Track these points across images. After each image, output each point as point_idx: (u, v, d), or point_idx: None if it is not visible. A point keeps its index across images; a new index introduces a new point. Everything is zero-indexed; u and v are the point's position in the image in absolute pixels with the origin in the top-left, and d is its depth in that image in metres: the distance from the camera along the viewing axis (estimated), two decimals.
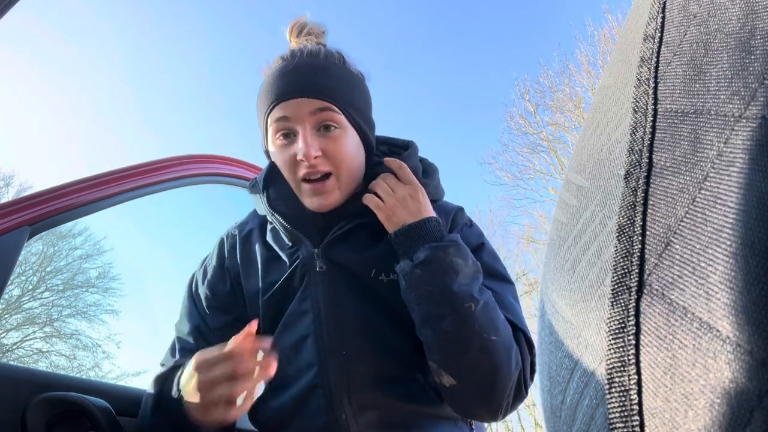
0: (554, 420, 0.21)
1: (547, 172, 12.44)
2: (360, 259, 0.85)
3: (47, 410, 0.83)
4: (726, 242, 0.14)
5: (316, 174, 0.84)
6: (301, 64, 0.85)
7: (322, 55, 0.87)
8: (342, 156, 0.84)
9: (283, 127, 0.84)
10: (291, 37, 0.95)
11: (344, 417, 0.80)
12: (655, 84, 0.20)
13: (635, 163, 0.19)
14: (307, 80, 0.83)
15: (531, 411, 11.20)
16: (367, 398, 0.81)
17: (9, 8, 0.66)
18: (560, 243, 0.23)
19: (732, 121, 0.15)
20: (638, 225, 0.18)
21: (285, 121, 0.83)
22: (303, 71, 0.84)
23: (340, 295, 0.84)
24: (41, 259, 4.44)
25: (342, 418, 0.80)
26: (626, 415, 0.16)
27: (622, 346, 0.17)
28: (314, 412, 0.82)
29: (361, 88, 0.91)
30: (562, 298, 0.21)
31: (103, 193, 1.06)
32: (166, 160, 1.25)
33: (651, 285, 0.16)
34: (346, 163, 0.85)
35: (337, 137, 0.84)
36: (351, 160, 0.86)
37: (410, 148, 0.96)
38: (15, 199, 0.91)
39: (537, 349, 0.25)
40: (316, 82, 0.83)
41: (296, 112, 0.82)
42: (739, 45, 0.16)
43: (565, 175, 0.26)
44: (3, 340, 3.98)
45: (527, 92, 13.03)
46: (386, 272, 0.84)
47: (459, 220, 0.94)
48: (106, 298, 4.81)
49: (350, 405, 0.81)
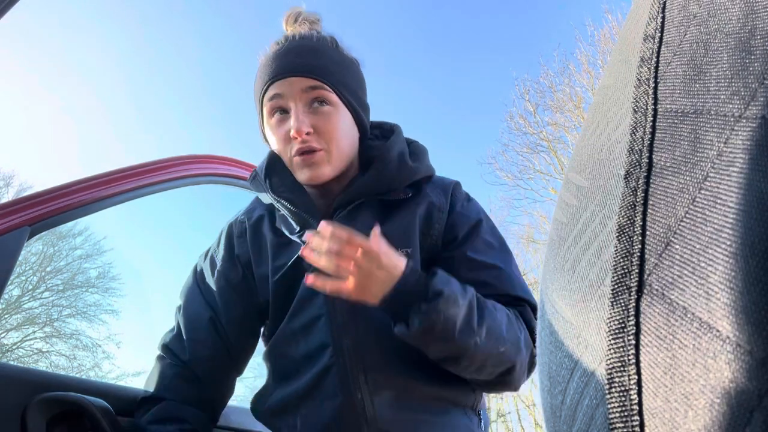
0: (554, 420, 0.21)
1: (547, 172, 12.44)
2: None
3: (47, 410, 0.83)
4: (726, 242, 0.14)
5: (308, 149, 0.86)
6: (294, 46, 0.88)
7: (314, 38, 0.90)
8: (333, 132, 0.87)
9: (277, 104, 0.87)
10: (287, 26, 0.97)
11: (360, 396, 0.81)
12: (655, 84, 0.20)
13: (635, 163, 0.19)
14: (300, 60, 0.86)
15: (531, 411, 11.20)
16: (382, 377, 0.82)
17: (9, 8, 0.66)
18: (560, 243, 0.23)
19: (732, 121, 0.15)
20: (638, 225, 0.18)
21: (278, 98, 0.87)
22: (296, 51, 0.87)
23: None
24: (41, 259, 4.44)
25: (358, 397, 0.81)
26: (626, 415, 0.16)
27: (622, 346, 0.17)
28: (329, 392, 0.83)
29: (353, 70, 0.93)
30: (562, 298, 0.21)
31: (103, 193, 1.06)
32: (166, 160, 1.25)
33: (651, 285, 0.16)
34: (337, 140, 0.88)
35: (329, 113, 0.87)
36: (342, 138, 0.89)
37: (394, 133, 0.99)
38: (15, 199, 0.91)
39: (537, 348, 0.25)
40: (308, 62, 0.86)
41: (289, 89, 0.85)
42: (739, 45, 0.16)
43: (565, 175, 0.26)
44: (3, 340, 3.97)
45: (527, 92, 13.03)
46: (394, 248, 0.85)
47: (458, 195, 0.97)
48: (106, 298, 4.81)
49: (366, 384, 0.82)
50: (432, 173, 0.98)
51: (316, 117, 0.86)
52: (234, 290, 0.95)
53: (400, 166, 0.92)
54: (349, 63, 0.93)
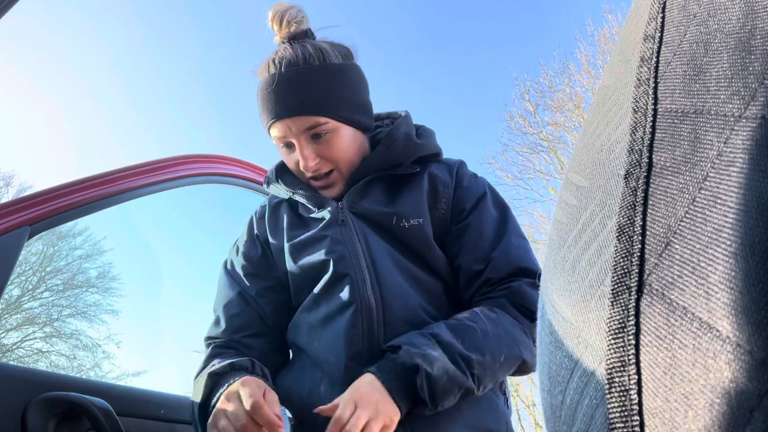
0: (554, 420, 0.21)
1: (547, 172, 12.43)
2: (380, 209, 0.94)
3: (47, 410, 0.83)
4: (726, 242, 0.14)
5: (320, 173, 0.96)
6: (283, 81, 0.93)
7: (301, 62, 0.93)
8: (338, 153, 0.96)
9: (282, 142, 0.96)
10: (273, 25, 1.00)
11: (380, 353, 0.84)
12: (655, 84, 0.20)
13: (635, 163, 0.19)
14: (292, 99, 0.92)
15: (531, 411, 11.20)
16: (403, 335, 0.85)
17: (9, 8, 0.66)
18: (560, 243, 0.23)
19: (732, 121, 0.15)
20: (638, 225, 0.18)
21: (282, 138, 0.95)
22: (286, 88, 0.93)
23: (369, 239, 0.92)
24: (41, 259, 4.44)
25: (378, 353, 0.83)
26: (626, 415, 0.16)
27: (622, 346, 0.17)
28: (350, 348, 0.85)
29: (345, 79, 0.97)
30: (562, 298, 0.21)
31: (103, 193, 1.06)
32: (166, 160, 1.25)
33: (651, 285, 0.16)
34: (344, 158, 0.96)
35: (329, 140, 0.95)
36: (347, 153, 0.97)
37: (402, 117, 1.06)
38: (15, 199, 0.91)
39: (537, 348, 0.25)
40: (300, 101, 0.92)
41: (288, 131, 0.94)
42: (739, 45, 0.16)
43: (565, 175, 0.26)
44: (3, 340, 3.98)
45: (527, 92, 13.02)
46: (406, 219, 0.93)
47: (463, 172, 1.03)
48: (106, 298, 4.81)
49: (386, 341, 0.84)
50: (438, 152, 1.04)
51: (320, 146, 0.95)
52: (255, 265, 1.02)
53: (406, 142, 0.99)
54: (339, 74, 0.96)
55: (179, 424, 1.15)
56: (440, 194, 0.97)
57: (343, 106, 0.95)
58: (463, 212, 0.97)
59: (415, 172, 0.99)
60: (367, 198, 0.96)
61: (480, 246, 0.92)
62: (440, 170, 1.01)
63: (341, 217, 0.94)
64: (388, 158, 0.97)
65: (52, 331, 4.82)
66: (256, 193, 1.57)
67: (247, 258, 1.03)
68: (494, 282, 0.90)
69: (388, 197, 0.97)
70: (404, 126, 1.02)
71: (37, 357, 4.52)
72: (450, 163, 1.04)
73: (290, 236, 0.98)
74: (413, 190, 0.96)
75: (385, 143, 0.98)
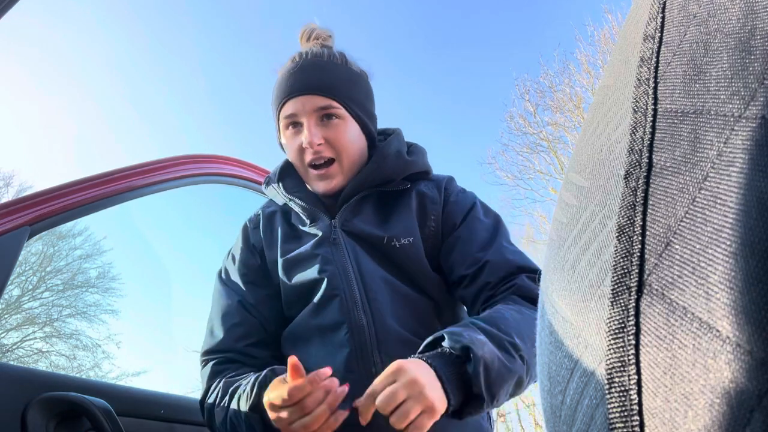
0: (554, 420, 0.21)
1: (547, 172, 12.44)
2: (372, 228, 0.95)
3: (47, 410, 0.83)
4: (726, 242, 0.14)
5: (321, 159, 0.97)
6: (306, 64, 0.98)
7: (325, 56, 1.00)
8: (342, 142, 0.97)
9: (292, 120, 0.97)
10: (302, 41, 1.08)
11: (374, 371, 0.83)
12: (655, 84, 0.20)
13: (635, 163, 0.19)
14: (312, 79, 0.96)
15: (531, 411, 11.20)
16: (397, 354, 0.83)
17: (9, 8, 0.66)
18: (560, 243, 0.23)
19: (732, 121, 0.15)
20: (638, 225, 0.18)
21: (293, 116, 0.97)
22: (308, 71, 0.97)
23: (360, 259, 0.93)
24: (41, 259, 4.44)
25: (372, 372, 0.83)
26: (626, 415, 0.16)
27: (622, 346, 0.17)
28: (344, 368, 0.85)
29: (361, 84, 1.03)
30: (562, 298, 0.21)
31: (103, 193, 1.06)
32: (166, 160, 1.25)
33: (651, 285, 0.16)
34: (347, 149, 0.98)
35: (338, 126, 0.97)
36: (351, 146, 0.98)
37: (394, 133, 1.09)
38: (15, 199, 0.91)
39: (537, 348, 0.25)
40: (319, 81, 0.96)
41: (301, 108, 0.95)
42: (739, 45, 0.16)
43: (565, 175, 0.26)
44: (3, 340, 3.98)
45: (527, 92, 13.02)
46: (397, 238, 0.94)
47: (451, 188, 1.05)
48: (106, 298, 4.80)
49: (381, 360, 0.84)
50: (428, 170, 1.06)
51: (327, 129, 0.96)
52: (255, 274, 1.02)
53: (397, 159, 1.01)
54: (356, 78, 1.02)
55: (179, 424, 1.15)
56: (429, 211, 0.99)
57: (355, 103, 0.99)
58: (454, 226, 0.97)
59: (405, 188, 1.00)
60: (359, 216, 0.97)
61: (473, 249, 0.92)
62: (428, 188, 1.02)
63: (333, 235, 0.95)
64: (380, 174, 0.99)
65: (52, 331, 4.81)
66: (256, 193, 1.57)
67: (246, 266, 1.02)
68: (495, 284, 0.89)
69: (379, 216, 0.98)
70: (396, 143, 1.04)
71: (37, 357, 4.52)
72: (438, 180, 1.05)
73: (284, 251, 0.98)
74: (403, 209, 0.98)
75: (376, 159, 1.00)
